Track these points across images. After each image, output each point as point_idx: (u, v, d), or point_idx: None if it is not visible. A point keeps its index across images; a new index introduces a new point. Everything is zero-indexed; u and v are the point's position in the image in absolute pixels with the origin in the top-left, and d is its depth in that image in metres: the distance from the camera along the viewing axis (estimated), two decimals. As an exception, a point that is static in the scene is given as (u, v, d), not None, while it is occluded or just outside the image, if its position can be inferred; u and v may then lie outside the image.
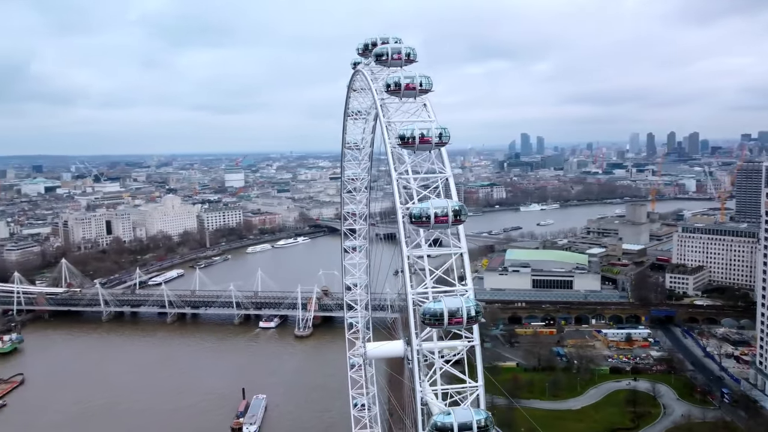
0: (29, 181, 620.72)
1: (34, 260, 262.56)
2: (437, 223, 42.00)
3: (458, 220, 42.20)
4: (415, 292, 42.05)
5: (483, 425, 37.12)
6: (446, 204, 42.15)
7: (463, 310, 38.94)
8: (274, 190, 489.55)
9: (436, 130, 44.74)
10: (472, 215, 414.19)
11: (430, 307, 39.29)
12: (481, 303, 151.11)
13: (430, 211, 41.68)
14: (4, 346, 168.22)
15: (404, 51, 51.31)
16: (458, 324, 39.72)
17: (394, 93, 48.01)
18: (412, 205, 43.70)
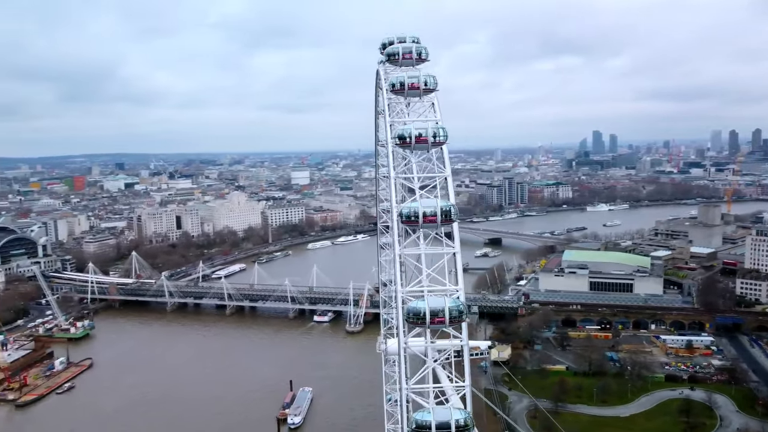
0: (111, 177, 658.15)
1: (109, 252, 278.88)
2: (426, 223, 42.31)
3: (448, 220, 42.33)
4: (404, 291, 42.42)
5: (462, 425, 37.27)
6: (435, 204, 42.33)
7: (445, 310, 39.15)
8: (337, 188, 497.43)
9: (431, 130, 44.88)
10: (534, 215, 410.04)
11: (412, 306, 39.76)
12: (536, 305, 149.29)
13: (419, 210, 41.97)
14: (77, 331, 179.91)
15: (415, 50, 51.69)
16: (440, 323, 40.01)
17: (398, 93, 48.57)
18: (402, 205, 44.12)
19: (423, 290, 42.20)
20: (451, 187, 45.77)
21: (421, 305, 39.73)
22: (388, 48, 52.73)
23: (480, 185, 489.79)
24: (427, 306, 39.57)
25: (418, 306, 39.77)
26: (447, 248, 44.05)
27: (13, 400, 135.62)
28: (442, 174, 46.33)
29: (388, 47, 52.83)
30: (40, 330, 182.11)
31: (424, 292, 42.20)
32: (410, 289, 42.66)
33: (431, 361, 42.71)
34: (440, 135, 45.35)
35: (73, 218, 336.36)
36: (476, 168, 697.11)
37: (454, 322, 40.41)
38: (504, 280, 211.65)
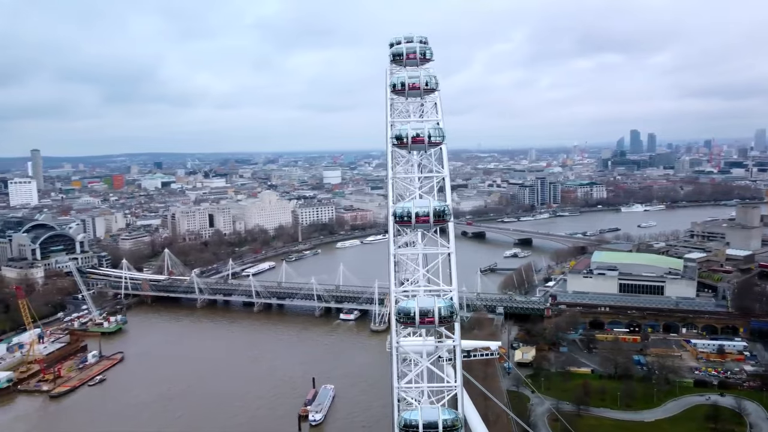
0: (149, 176, 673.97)
1: (144, 249, 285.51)
2: (419, 223, 42.41)
3: (440, 220, 42.34)
4: (397, 290, 42.61)
5: (449, 425, 37.30)
6: (428, 204, 42.37)
7: (435, 310, 39.22)
8: (368, 187, 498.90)
9: (428, 130, 44.91)
10: (567, 215, 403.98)
11: (403, 306, 39.96)
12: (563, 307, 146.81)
13: (411, 210, 42.08)
14: (110, 326, 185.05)
15: (419, 50, 51.75)
16: (430, 324, 40.16)
17: (399, 93, 48.73)
18: (395, 205, 44.29)
19: (416, 290, 42.30)
20: (449, 187, 45.73)
21: (411, 305, 39.95)
22: (393, 48, 52.92)
23: (512, 185, 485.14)
24: (416, 306, 39.68)
25: (408, 306, 40.00)
26: (442, 248, 44.03)
27: (47, 391, 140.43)
28: (441, 174, 46.31)
29: (394, 48, 52.99)
30: (75, 324, 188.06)
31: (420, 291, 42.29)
32: (404, 288, 42.83)
33: (425, 360, 42.71)
34: (436, 135, 45.35)
35: (111, 216, 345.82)
36: (509, 167, 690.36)
37: (444, 323, 40.49)
38: (532, 281, 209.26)
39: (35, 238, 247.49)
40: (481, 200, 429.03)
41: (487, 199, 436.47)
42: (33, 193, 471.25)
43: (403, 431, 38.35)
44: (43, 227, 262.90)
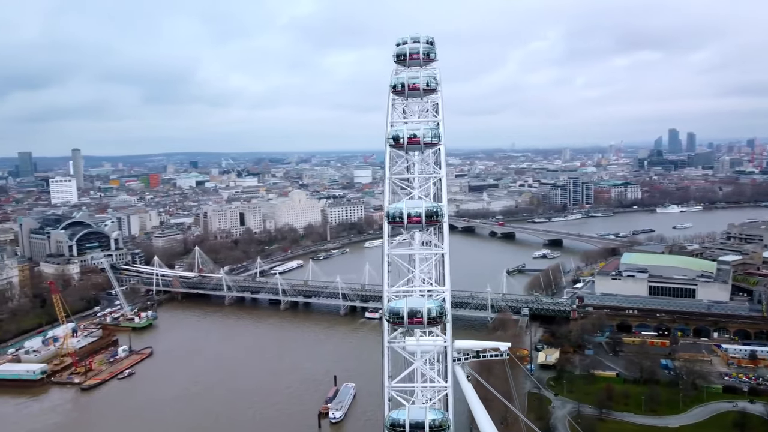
0: (184, 175, 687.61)
1: (176, 246, 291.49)
2: (410, 224, 42.47)
3: (432, 221, 42.27)
4: (389, 290, 42.78)
5: (436, 425, 37.34)
6: (420, 205, 42.38)
7: (423, 310, 39.27)
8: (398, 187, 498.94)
9: (424, 131, 44.88)
10: (600, 216, 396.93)
11: (392, 306, 40.11)
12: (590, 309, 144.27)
13: (403, 211, 42.14)
14: (141, 321, 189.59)
15: (422, 51, 51.65)
16: (419, 324, 40.21)
17: (399, 94, 48.80)
18: (388, 206, 44.42)
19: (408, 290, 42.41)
20: (445, 188, 45.66)
21: (400, 305, 40.07)
22: (396, 49, 52.92)
23: (544, 185, 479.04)
24: (405, 306, 39.82)
25: (397, 306, 40.14)
26: (436, 249, 44.00)
27: (78, 383, 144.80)
28: (437, 175, 46.29)
29: (397, 48, 53.01)
30: (107, 319, 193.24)
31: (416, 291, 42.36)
32: (396, 288, 42.99)
33: (419, 360, 42.73)
34: (432, 136, 45.31)
35: (145, 214, 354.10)
36: (542, 167, 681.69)
37: (433, 323, 40.53)
38: (559, 283, 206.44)
39: (72, 235, 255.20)
40: (512, 200, 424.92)
41: (518, 199, 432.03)
42: (73, 191, 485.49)
43: (390, 430, 38.61)
44: (80, 225, 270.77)
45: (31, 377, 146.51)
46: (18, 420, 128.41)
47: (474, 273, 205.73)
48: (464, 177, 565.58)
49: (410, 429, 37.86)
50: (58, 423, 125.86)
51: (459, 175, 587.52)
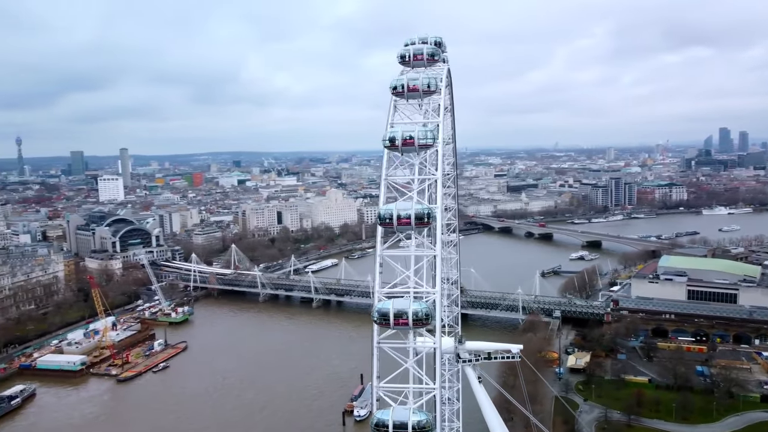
0: (227, 174, 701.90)
1: (215, 244, 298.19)
2: (400, 225, 42.51)
3: (422, 222, 42.22)
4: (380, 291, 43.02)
5: (420, 427, 37.48)
6: (410, 207, 42.39)
7: (409, 312, 39.45)
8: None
9: (418, 132, 44.87)
10: (642, 217, 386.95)
11: (379, 307, 40.39)
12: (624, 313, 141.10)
13: (393, 213, 42.28)
14: (177, 316, 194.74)
15: (426, 52, 51.69)
16: (404, 325, 40.40)
17: (399, 95, 48.93)
18: (379, 207, 44.60)
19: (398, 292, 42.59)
20: (440, 190, 45.64)
21: (387, 306, 40.38)
22: (400, 50, 53.11)
23: (584, 185, 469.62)
24: (391, 308, 40.16)
25: (384, 307, 40.47)
26: (428, 251, 44.00)
27: (115, 375, 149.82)
28: (433, 177, 46.29)
29: (401, 49, 53.19)
30: (146, 314, 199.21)
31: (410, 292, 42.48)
32: (388, 290, 43.25)
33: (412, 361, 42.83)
34: (427, 138, 45.26)
35: (186, 212, 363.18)
36: (584, 167, 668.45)
37: (418, 325, 40.73)
38: (595, 285, 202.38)
39: (115, 232, 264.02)
40: (551, 201, 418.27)
41: (557, 199, 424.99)
42: (120, 189, 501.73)
43: (375, 430, 39.06)
44: (123, 222, 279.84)
45: (72, 368, 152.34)
46: (58, 409, 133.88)
47: (507, 274, 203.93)
48: (503, 177, 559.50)
49: (394, 429, 38.22)
50: (94, 413, 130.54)
51: (498, 174, 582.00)
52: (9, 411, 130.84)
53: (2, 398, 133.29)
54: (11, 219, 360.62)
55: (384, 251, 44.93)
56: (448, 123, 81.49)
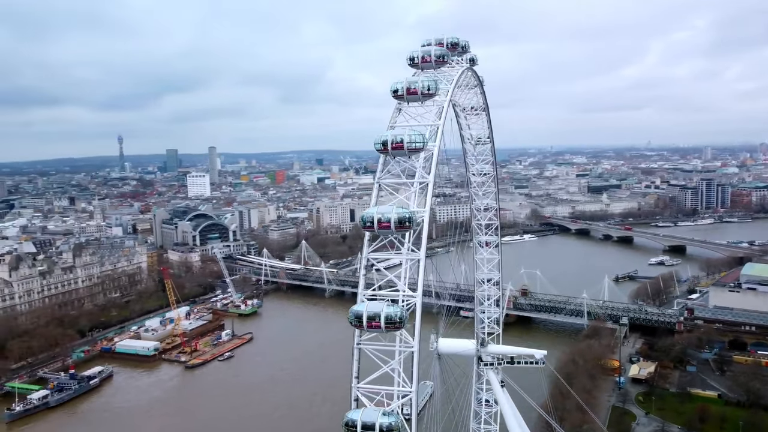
0: (308, 172, 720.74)
1: (289, 240, 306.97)
2: (380, 229, 42.45)
3: (402, 227, 41.98)
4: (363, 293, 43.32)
5: (387, 429, 37.60)
6: (390, 211, 42.25)
7: (381, 315, 39.52)
8: (511, 186, 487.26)
9: (407, 136, 44.56)
10: (735, 221, 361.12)
11: (353, 309, 40.65)
12: (699, 322, 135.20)
13: (374, 216, 42.28)
14: (246, 308, 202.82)
15: (434, 53, 51.32)
16: (376, 328, 40.38)
17: (399, 98, 48.81)
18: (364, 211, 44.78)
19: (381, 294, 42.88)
20: (430, 194, 45.24)
21: (361, 308, 40.76)
22: (409, 52, 52.99)
23: (672, 186, 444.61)
24: (365, 310, 40.54)
25: (358, 309, 40.87)
26: (412, 255, 43.78)
27: (184, 362, 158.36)
28: (425, 181, 46.01)
29: (410, 51, 53.09)
30: (218, 305, 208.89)
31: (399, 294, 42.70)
32: (371, 292, 43.56)
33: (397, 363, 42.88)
34: (416, 142, 44.94)
35: (264, 208, 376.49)
36: (675, 167, 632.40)
37: (390, 328, 40.70)
38: (671, 292, 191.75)
39: (196, 226, 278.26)
40: (634, 202, 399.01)
41: (641, 201, 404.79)
42: (206, 185, 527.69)
43: (344, 429, 39.63)
44: (203, 217, 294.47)
45: (146, 353, 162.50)
46: (129, 391, 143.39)
47: (577, 277, 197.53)
48: (585, 177, 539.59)
49: (362, 430, 38.75)
50: (160, 397, 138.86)
51: (580, 174, 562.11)
52: (88, 390, 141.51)
53: (83, 378, 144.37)
54: (108, 212, 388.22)
55: (370, 254, 45.09)
56: (484, 123, 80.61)
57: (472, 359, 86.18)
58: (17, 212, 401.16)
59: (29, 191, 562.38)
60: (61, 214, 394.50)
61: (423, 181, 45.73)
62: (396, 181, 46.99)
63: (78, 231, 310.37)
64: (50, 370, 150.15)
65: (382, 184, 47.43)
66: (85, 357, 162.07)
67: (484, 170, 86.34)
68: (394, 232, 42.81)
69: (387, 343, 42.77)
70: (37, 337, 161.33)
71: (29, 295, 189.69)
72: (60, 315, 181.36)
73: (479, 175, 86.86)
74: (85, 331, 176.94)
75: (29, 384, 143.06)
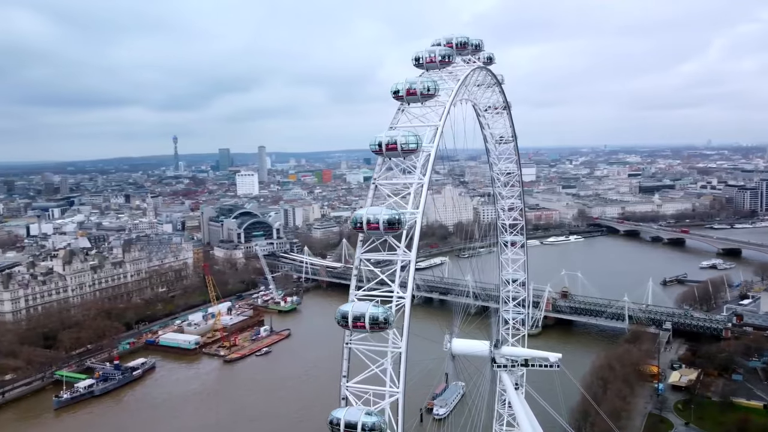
0: (355, 171, 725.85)
1: (332, 238, 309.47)
2: (369, 230, 42.67)
3: (392, 228, 42.11)
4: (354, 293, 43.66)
5: (368, 428, 37.79)
6: (379, 212, 42.40)
7: (366, 315, 39.78)
8: (559, 186, 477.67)
9: (401, 138, 44.60)
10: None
11: (340, 309, 41.08)
12: (748, 329, 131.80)
13: (363, 217, 42.55)
14: (286, 305, 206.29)
15: (438, 54, 51.35)
16: (361, 328, 40.69)
17: (399, 99, 48.87)
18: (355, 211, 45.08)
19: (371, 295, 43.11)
20: (424, 195, 45.18)
21: (347, 308, 41.11)
22: (415, 52, 53.09)
23: (730, 187, 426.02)
24: (351, 310, 40.84)
25: (344, 309, 41.22)
26: (402, 256, 43.78)
27: (223, 356, 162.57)
28: (420, 182, 45.98)
29: (416, 51, 53.14)
30: (258, 301, 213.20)
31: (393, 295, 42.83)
32: (362, 292, 43.86)
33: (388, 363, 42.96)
34: (409, 143, 44.89)
35: (309, 207, 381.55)
36: (736, 167, 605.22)
37: (375, 329, 40.91)
38: (720, 297, 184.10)
39: (241, 224, 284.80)
40: (688, 203, 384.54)
41: (695, 201, 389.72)
42: (255, 184, 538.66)
43: (329, 427, 40.03)
44: (248, 215, 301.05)
45: (188, 347, 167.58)
46: (170, 382, 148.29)
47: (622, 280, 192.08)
48: (637, 177, 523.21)
49: (345, 428, 39.18)
50: (198, 389, 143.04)
51: (632, 174, 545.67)
52: (131, 380, 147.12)
53: (126, 368, 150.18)
54: (160, 210, 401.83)
55: (363, 254, 45.39)
56: (506, 122, 79.63)
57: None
58: (76, 209, 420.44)
59: (89, 189, 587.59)
60: (117, 211, 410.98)
61: (419, 182, 45.63)
62: (393, 182, 47.00)
63: (130, 227, 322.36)
64: (97, 361, 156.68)
65: (379, 185, 47.49)
66: (131, 349, 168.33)
67: (508, 169, 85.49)
68: (383, 234, 43.00)
69: (376, 343, 42.98)
70: (87, 329, 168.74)
71: (81, 288, 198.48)
72: (108, 308, 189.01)
73: (503, 175, 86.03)
74: (131, 323, 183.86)
75: (77, 373, 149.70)
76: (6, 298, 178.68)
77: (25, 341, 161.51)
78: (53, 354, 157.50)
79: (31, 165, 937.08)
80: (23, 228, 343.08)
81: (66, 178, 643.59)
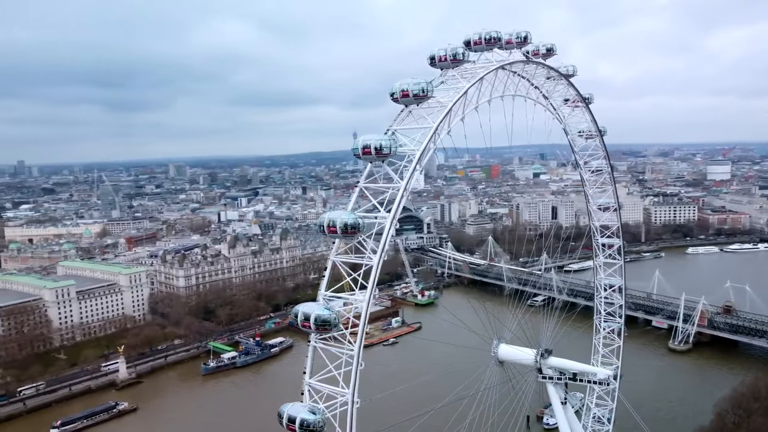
0: (525, 167, 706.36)
1: (485, 235, 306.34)
2: (329, 233, 43.29)
3: (347, 232, 42.29)
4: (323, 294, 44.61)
5: (305, 424, 38.84)
6: (338, 216, 42.87)
7: (312, 316, 40.61)
8: (755, 187, 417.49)
9: (375, 142, 44.39)
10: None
11: (294, 308, 42.39)
12: None
13: (325, 221, 43.31)
14: (423, 298, 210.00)
15: (450, 52, 50.17)
16: (308, 329, 41.63)
17: (396, 101, 48.67)
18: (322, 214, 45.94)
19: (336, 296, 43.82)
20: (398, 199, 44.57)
21: (298, 308, 42.28)
22: (430, 51, 52.34)
23: None
24: (300, 311, 41.90)
25: (296, 309, 42.47)
26: (367, 259, 43.69)
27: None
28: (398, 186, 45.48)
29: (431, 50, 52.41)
30: (397, 293, 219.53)
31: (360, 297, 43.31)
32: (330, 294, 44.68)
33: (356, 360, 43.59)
34: (384, 147, 44.40)
35: (466, 202, 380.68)
36: None
37: (320, 330, 41.50)
38: None
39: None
40: None
41: None
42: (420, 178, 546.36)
43: (278, 419, 41.71)
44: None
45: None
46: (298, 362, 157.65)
47: None
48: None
49: (287, 423, 40.81)
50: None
51: None
52: (269, 357, 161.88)
53: (266, 345, 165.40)
54: (330, 201, 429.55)
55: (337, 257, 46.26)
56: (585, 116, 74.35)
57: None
58: (260, 199, 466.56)
59: (275, 181, 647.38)
60: (293, 201, 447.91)
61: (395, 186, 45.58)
62: (375, 185, 47.30)
63: (300, 217, 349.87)
64: (244, 336, 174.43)
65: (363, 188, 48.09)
66: (275, 328, 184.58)
67: (595, 166, 79.77)
68: (342, 237, 43.93)
69: (336, 344, 44.25)
70: (241, 307, 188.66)
71: (242, 270, 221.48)
72: (262, 289, 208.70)
73: (590, 172, 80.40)
74: (280, 305, 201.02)
75: (226, 345, 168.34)
76: (181, 275, 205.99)
77: (191, 313, 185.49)
78: (211, 326, 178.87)
79: (235, 159, 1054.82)
80: (215, 215, 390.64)
81: (259, 170, 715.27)
